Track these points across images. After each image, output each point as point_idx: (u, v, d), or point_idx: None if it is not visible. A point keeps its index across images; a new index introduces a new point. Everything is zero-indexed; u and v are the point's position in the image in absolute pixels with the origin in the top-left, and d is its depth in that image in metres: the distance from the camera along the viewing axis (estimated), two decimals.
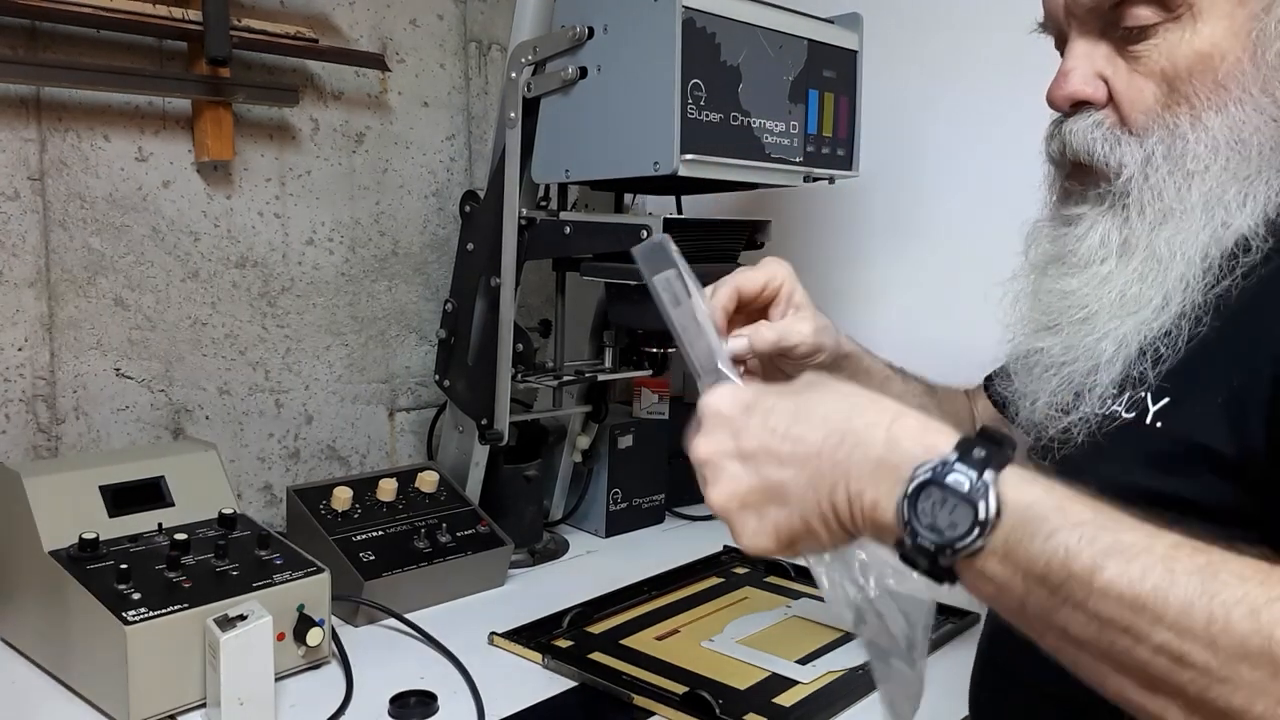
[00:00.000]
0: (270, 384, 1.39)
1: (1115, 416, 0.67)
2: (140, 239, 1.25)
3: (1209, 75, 0.65)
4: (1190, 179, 0.66)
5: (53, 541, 0.96)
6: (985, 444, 0.51)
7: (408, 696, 0.94)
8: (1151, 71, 0.67)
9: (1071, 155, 0.71)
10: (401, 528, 1.20)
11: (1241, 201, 0.65)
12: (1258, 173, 0.65)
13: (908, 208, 1.47)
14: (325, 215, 1.42)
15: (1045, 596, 0.48)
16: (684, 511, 1.58)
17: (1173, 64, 0.65)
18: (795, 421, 0.56)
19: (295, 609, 0.97)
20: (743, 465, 0.57)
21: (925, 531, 0.50)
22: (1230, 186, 0.65)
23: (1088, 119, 0.69)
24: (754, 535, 0.57)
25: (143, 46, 1.22)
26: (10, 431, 1.18)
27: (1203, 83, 0.65)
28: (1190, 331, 0.64)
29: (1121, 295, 0.67)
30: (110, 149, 1.22)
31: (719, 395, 0.61)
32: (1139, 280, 0.67)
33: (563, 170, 1.19)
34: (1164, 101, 0.66)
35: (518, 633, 1.08)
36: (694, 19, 1.06)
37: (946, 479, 0.50)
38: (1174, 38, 0.65)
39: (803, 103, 1.19)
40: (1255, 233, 0.64)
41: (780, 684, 1.00)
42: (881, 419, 0.54)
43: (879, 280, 1.51)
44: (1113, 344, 0.67)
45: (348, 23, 1.41)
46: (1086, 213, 0.71)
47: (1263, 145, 0.65)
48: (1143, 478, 0.63)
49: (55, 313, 1.20)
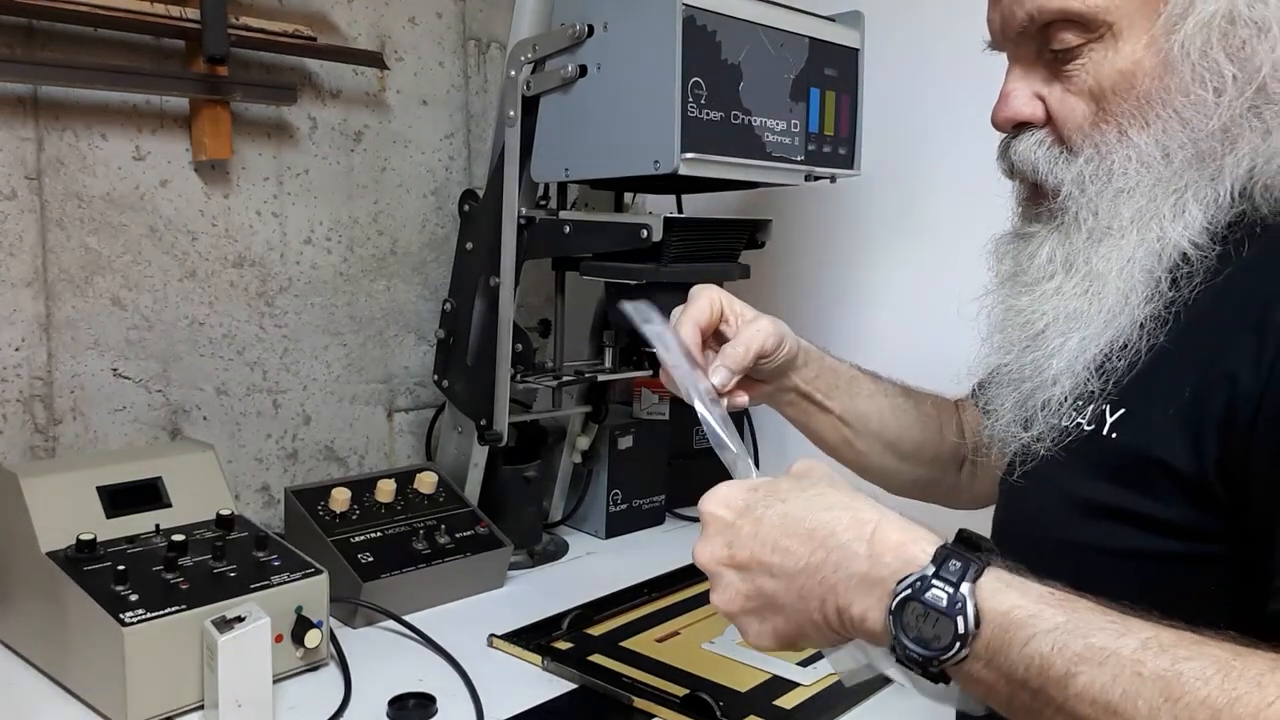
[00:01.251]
0: (268, 384, 1.38)
1: (1077, 429, 0.68)
2: (138, 238, 1.25)
3: (1132, 92, 0.66)
4: (1120, 196, 0.67)
5: (50, 542, 0.95)
6: (961, 555, 0.54)
7: (406, 699, 0.93)
8: (1081, 90, 0.68)
9: (1018, 174, 0.73)
10: (400, 529, 1.20)
11: (1174, 215, 0.66)
12: (1188, 185, 0.66)
13: (909, 207, 1.46)
14: (323, 214, 1.41)
15: (1029, 699, 0.52)
16: (684, 513, 1.58)
17: (1099, 82, 0.67)
18: (784, 534, 0.60)
19: (293, 610, 0.97)
20: (738, 575, 0.62)
21: (912, 645, 0.53)
22: (1163, 201, 0.66)
23: (1030, 138, 0.71)
24: (757, 636, 0.62)
25: (140, 45, 1.22)
26: (7, 432, 1.17)
27: (1127, 99, 0.66)
28: (1145, 344, 0.65)
29: (1067, 311, 0.69)
30: (108, 148, 1.21)
31: (716, 499, 0.64)
32: (1082, 296, 0.68)
33: (562, 169, 1.19)
34: (1093, 120, 0.68)
35: (517, 634, 1.08)
36: (694, 17, 1.06)
37: (925, 595, 0.53)
38: (1098, 57, 0.67)
39: (804, 101, 1.19)
40: (1194, 244, 0.65)
41: (781, 686, 0.99)
42: (863, 531, 0.57)
43: (879, 280, 1.51)
44: (1060, 360, 0.68)
45: (346, 21, 1.40)
46: (1038, 230, 0.73)
47: (1189, 158, 0.65)
48: (1102, 492, 0.65)
49: (52, 312, 1.19)
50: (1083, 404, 0.68)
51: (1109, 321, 0.67)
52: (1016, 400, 0.71)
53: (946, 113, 1.40)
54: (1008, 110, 0.72)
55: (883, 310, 1.51)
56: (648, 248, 1.13)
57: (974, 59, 0.80)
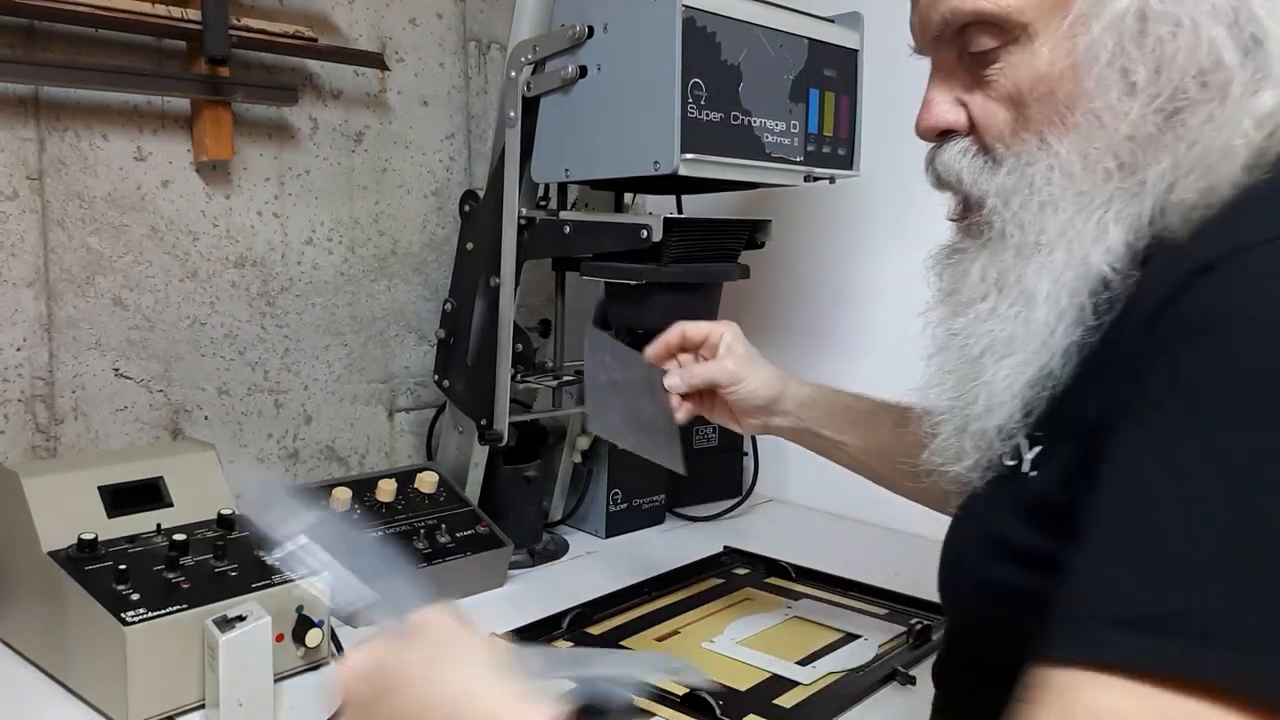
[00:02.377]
0: (269, 384, 1.38)
1: (1000, 464, 0.65)
2: (139, 238, 1.25)
3: (1051, 97, 0.62)
4: (1044, 208, 0.63)
5: (51, 542, 0.95)
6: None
7: None
8: (1001, 96, 0.65)
9: (944, 185, 0.70)
10: (400, 528, 1.20)
11: (1096, 234, 0.61)
12: (1111, 200, 0.61)
13: (909, 207, 1.46)
14: (324, 215, 1.41)
15: None
16: (684, 512, 1.58)
17: (1017, 87, 0.63)
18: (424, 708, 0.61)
19: (294, 610, 0.97)
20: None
21: None
22: (1086, 216, 0.61)
23: (954, 147, 0.68)
24: None
25: (141, 45, 1.22)
26: (9, 432, 1.17)
27: (1046, 105, 0.62)
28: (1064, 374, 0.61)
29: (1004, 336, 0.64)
30: (109, 148, 1.22)
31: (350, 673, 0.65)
32: (1015, 319, 0.64)
33: (562, 170, 1.19)
34: (1013, 127, 0.64)
35: (517, 634, 1.08)
36: (694, 18, 1.06)
37: None
38: (1015, 60, 0.63)
39: (803, 102, 1.19)
40: (1114, 267, 0.60)
41: (781, 685, 0.99)
42: None
43: (879, 280, 1.51)
44: (992, 390, 0.64)
45: (347, 22, 1.41)
46: (969, 246, 0.69)
47: (1110, 169, 0.61)
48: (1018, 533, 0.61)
49: (54, 312, 1.19)
50: (1008, 437, 0.64)
51: (1039, 347, 0.62)
52: (954, 429, 0.68)
53: None
54: (930, 118, 0.69)
55: (882, 310, 1.51)
56: (648, 248, 1.13)
57: None
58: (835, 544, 1.45)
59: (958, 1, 0.64)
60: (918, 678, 1.00)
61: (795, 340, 1.62)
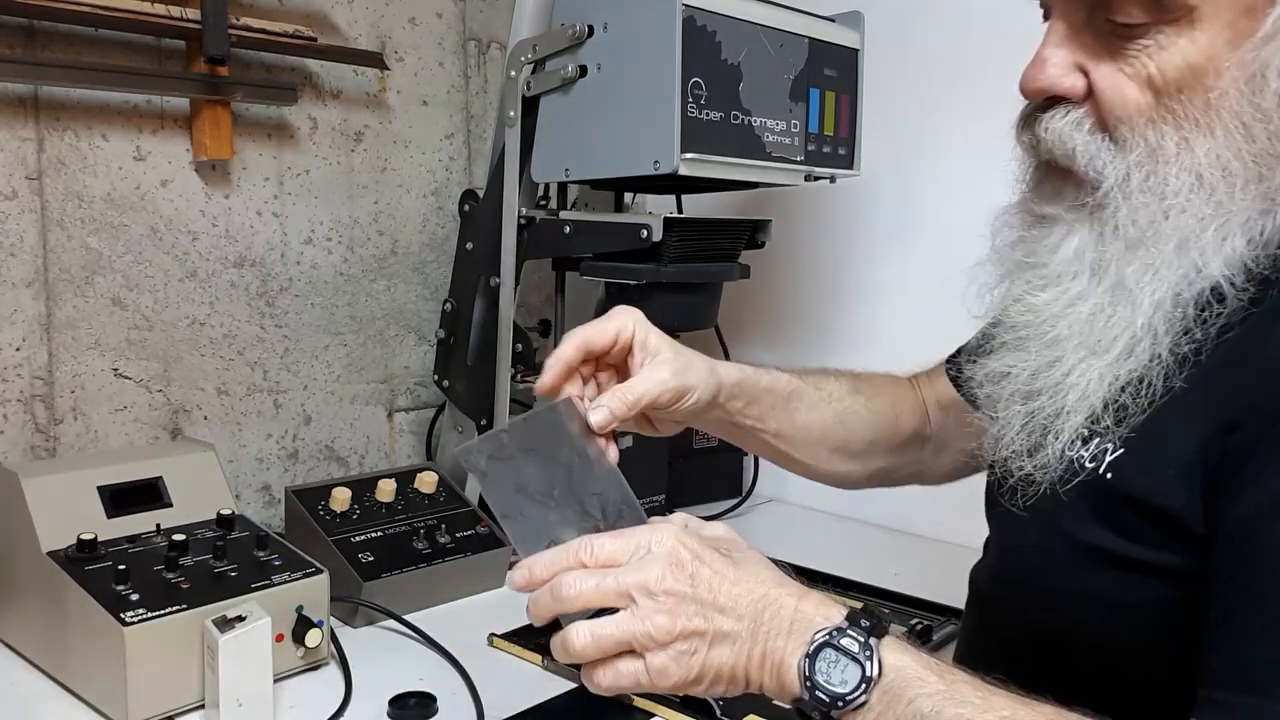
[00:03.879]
0: (269, 384, 1.38)
1: (1079, 465, 0.63)
2: (138, 238, 1.25)
3: (1200, 93, 0.58)
4: (1168, 211, 0.59)
5: (51, 542, 0.95)
6: (870, 616, 0.59)
7: (407, 698, 0.93)
8: (1138, 75, 0.59)
9: (1046, 155, 0.64)
10: (400, 529, 1.20)
11: (1219, 244, 0.58)
12: (1238, 212, 0.58)
13: (909, 207, 1.47)
14: (324, 214, 1.41)
15: None
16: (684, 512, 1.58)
17: (1161, 72, 0.58)
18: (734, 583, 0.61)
19: (294, 610, 0.97)
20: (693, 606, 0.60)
21: (822, 686, 0.57)
22: (1209, 225, 0.58)
23: (1065, 116, 0.62)
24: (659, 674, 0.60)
25: (141, 45, 1.22)
26: (8, 432, 1.17)
27: (1193, 100, 0.58)
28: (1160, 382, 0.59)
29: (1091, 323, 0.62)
30: (108, 148, 1.22)
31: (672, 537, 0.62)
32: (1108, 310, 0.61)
33: (562, 169, 1.19)
34: (1148, 114, 0.59)
35: (517, 634, 1.08)
36: (694, 17, 1.06)
37: (841, 641, 0.58)
38: (1166, 42, 0.58)
39: (804, 101, 1.19)
40: (1231, 280, 0.58)
41: None
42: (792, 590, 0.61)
43: (880, 280, 1.51)
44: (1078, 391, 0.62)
45: (346, 21, 1.40)
46: (1061, 215, 0.65)
47: (1247, 179, 0.58)
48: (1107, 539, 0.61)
49: (53, 312, 1.19)
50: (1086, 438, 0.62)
51: (1131, 349, 0.60)
52: (1025, 419, 0.65)
53: (946, 113, 1.40)
54: (1044, 78, 0.62)
55: (883, 310, 1.51)
56: (648, 248, 1.13)
57: (974, 59, 0.80)
58: (835, 544, 1.45)
59: None
60: None
61: (795, 340, 1.62)
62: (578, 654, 0.60)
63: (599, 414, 0.71)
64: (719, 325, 1.46)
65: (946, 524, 1.39)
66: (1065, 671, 0.63)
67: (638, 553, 0.61)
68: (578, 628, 0.60)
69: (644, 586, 0.59)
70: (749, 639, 0.60)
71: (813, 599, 0.61)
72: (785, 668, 0.59)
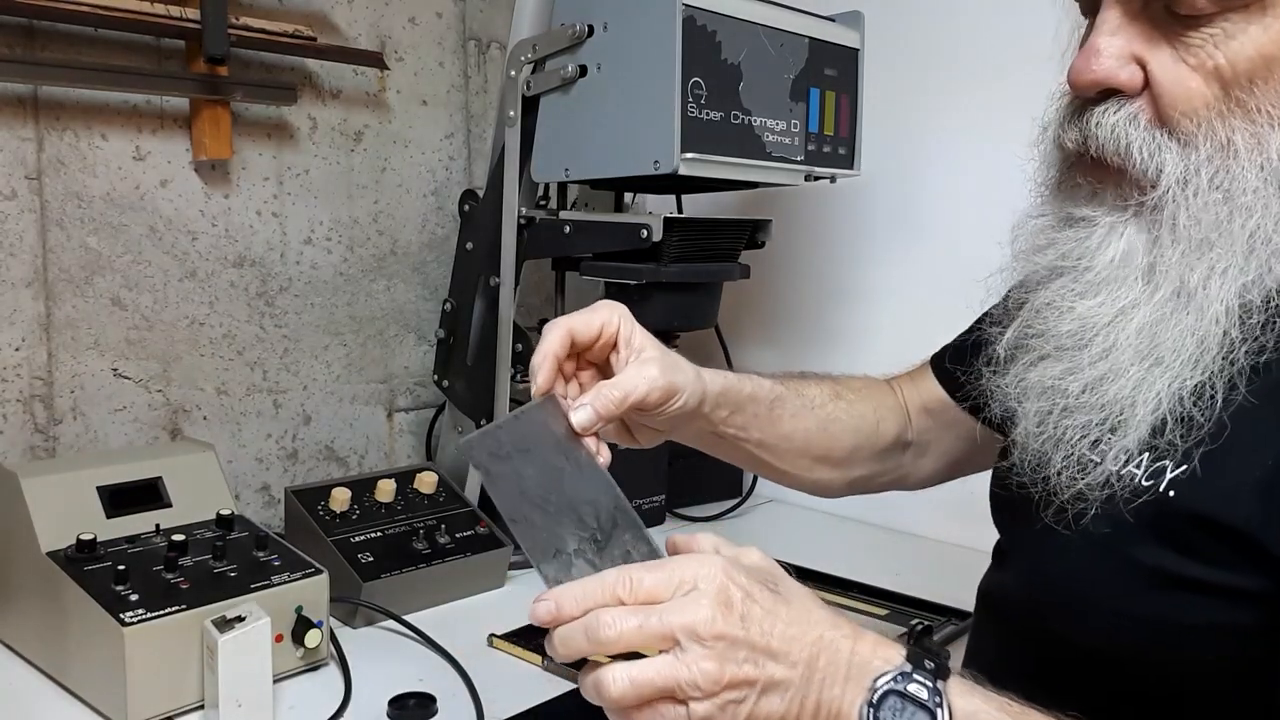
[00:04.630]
0: (268, 384, 1.38)
1: (1137, 483, 0.58)
2: (138, 238, 1.25)
3: (1274, 84, 0.53)
4: (1237, 211, 0.55)
5: (50, 542, 0.95)
6: (933, 656, 0.56)
7: (406, 698, 0.93)
8: (1202, 66, 0.55)
9: (1097, 151, 0.59)
10: (400, 529, 1.20)
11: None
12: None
13: (909, 207, 1.47)
14: (323, 214, 1.41)
15: None
16: (684, 512, 1.58)
17: (1230, 63, 0.54)
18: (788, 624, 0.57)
19: (293, 610, 0.96)
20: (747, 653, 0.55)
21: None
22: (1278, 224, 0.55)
23: (1120, 111, 0.58)
24: None
25: (141, 45, 1.22)
26: (7, 432, 1.17)
27: (1266, 93, 0.54)
28: (1224, 395, 0.55)
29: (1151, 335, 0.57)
30: (108, 148, 1.21)
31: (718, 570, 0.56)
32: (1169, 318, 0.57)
33: (562, 169, 1.19)
34: (1216, 107, 0.55)
35: (517, 634, 1.08)
36: (694, 17, 1.06)
37: (908, 688, 0.55)
38: (1235, 30, 0.53)
39: (804, 101, 1.19)
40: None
41: None
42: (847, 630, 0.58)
43: (880, 280, 1.51)
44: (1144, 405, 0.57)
45: (346, 21, 1.40)
46: (1102, 218, 0.60)
47: None
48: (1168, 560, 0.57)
49: (52, 312, 1.19)
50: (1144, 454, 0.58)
51: (1198, 359, 0.56)
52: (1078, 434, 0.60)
53: (946, 112, 1.40)
54: (1098, 69, 0.57)
55: (883, 310, 1.51)
56: (648, 248, 1.13)
57: (974, 59, 0.80)
58: (835, 544, 1.45)
59: None
60: None
61: (795, 340, 1.62)
62: (613, 701, 0.55)
63: (582, 414, 0.65)
64: (719, 325, 1.47)
65: (947, 524, 1.39)
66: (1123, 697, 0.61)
67: (681, 588, 0.56)
68: (615, 672, 0.55)
69: (692, 630, 0.54)
70: (803, 686, 0.55)
71: (868, 640, 0.57)
72: (844, 718, 0.55)
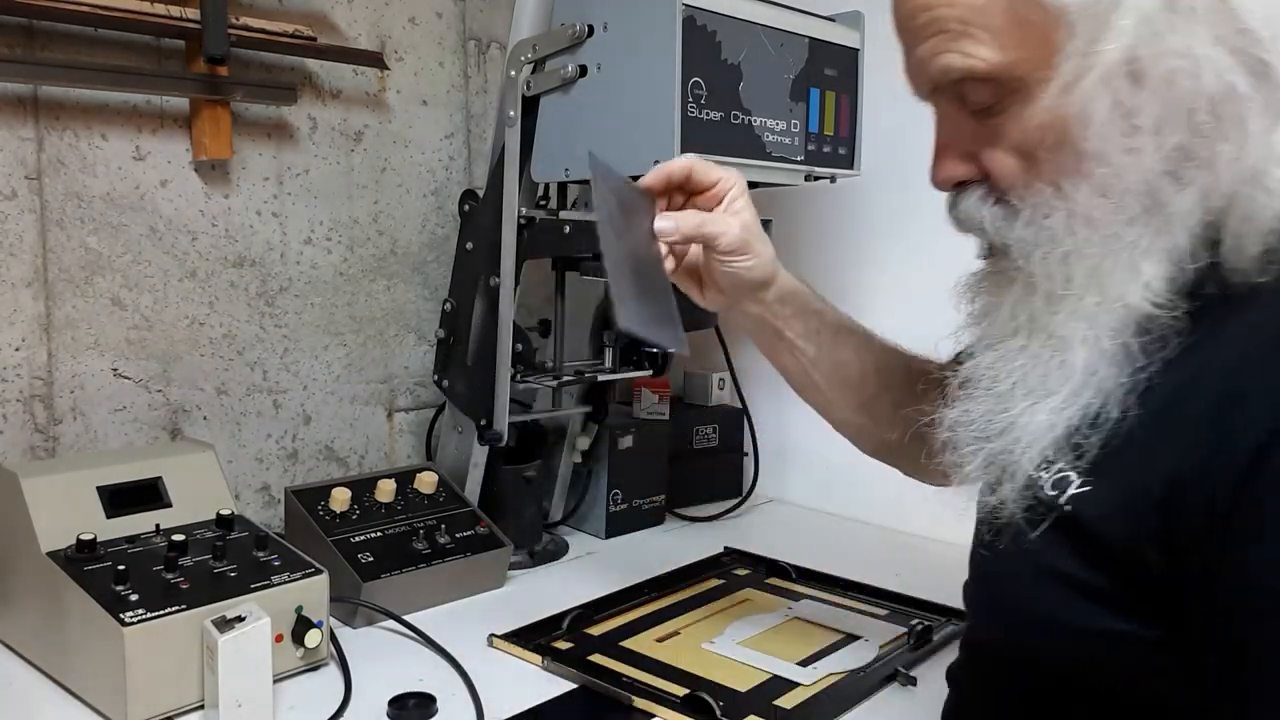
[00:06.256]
0: (268, 384, 1.38)
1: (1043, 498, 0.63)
2: (138, 238, 1.25)
3: (1060, 146, 0.60)
4: (1069, 258, 0.61)
5: (50, 542, 0.95)
6: None
7: (407, 698, 0.93)
8: (1010, 146, 0.63)
9: (968, 230, 0.69)
10: (400, 529, 1.20)
11: (1129, 275, 0.59)
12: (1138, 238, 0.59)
13: (909, 207, 1.46)
14: (323, 214, 1.41)
15: None
16: (684, 513, 1.58)
17: (1024, 136, 0.62)
18: None
19: (293, 610, 0.97)
20: None
21: None
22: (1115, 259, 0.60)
23: (972, 196, 0.67)
24: None
25: (140, 45, 1.22)
26: (7, 432, 1.17)
27: (1056, 154, 0.60)
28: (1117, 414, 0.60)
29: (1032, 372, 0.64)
30: (108, 148, 1.21)
31: None
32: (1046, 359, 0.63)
33: (562, 169, 1.19)
34: (1025, 177, 0.63)
35: (517, 634, 1.08)
36: (694, 17, 1.06)
37: None
38: (1018, 111, 0.61)
39: (804, 101, 1.19)
40: (1156, 305, 0.59)
41: (781, 686, 0.99)
42: None
43: (880, 280, 1.51)
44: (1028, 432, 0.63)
45: (346, 21, 1.40)
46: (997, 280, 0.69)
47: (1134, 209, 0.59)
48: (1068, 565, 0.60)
49: (52, 312, 1.19)
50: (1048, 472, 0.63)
51: (1080, 388, 0.61)
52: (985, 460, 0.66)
53: None
54: (944, 170, 0.69)
55: (883, 310, 1.50)
56: None
57: None
58: (835, 544, 1.45)
59: (945, 62, 0.63)
60: (919, 678, 1.00)
61: None
62: None
63: (663, 221, 0.81)
64: (719, 325, 1.47)
65: (946, 524, 1.38)
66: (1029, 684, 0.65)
67: None
68: None
69: None
70: None
71: None
72: None
